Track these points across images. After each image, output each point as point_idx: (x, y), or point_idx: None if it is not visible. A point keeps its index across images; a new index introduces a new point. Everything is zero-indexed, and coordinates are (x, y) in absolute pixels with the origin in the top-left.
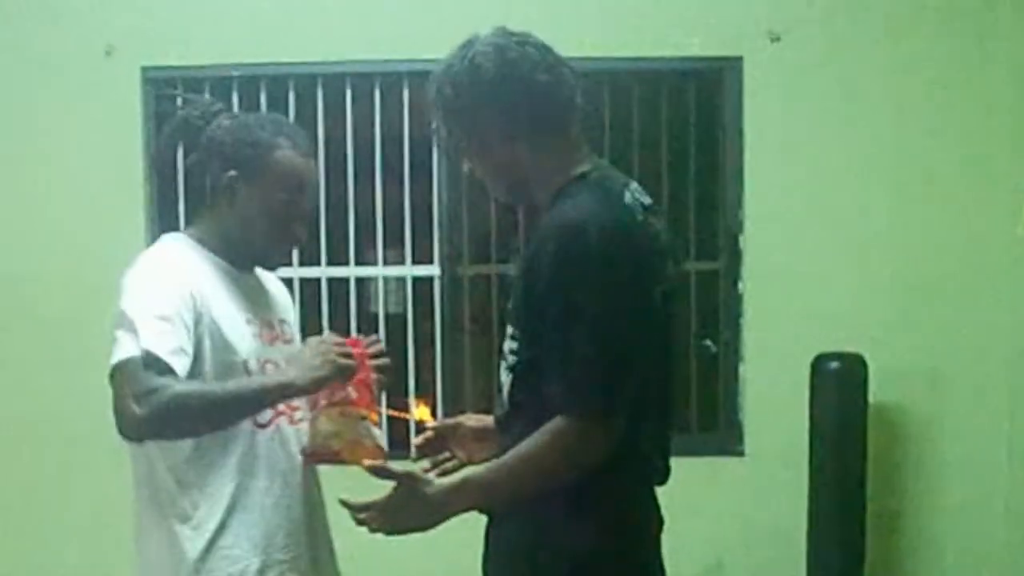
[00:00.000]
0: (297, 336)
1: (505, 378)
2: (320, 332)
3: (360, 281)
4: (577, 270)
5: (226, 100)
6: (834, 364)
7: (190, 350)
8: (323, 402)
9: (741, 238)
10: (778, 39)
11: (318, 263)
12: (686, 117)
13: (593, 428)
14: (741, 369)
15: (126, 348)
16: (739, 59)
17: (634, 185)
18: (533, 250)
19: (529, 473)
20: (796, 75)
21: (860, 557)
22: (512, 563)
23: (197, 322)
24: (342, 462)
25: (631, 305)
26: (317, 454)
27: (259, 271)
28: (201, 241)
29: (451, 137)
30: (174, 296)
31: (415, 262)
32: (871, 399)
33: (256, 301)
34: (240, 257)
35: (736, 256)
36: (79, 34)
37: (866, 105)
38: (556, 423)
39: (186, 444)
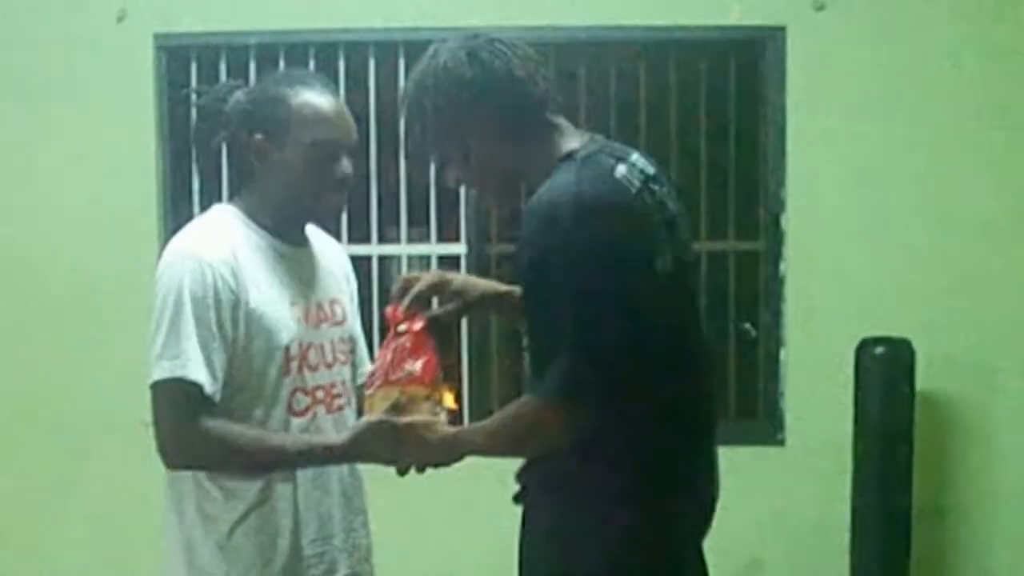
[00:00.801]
0: (351, 314)
1: (526, 358)
2: None
3: (383, 259)
4: (549, 251)
5: (243, 69)
6: (879, 350)
7: (224, 362)
8: (380, 380)
9: (783, 218)
10: (823, 7)
11: (339, 240)
12: (725, 90)
13: (554, 412)
14: (782, 354)
15: (165, 365)
16: (782, 29)
17: (635, 157)
18: (520, 235)
19: (501, 445)
20: (842, 46)
21: (906, 553)
22: (550, 547)
23: (235, 307)
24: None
25: (612, 284)
26: None
27: (315, 244)
28: (250, 214)
29: (436, 150)
30: (221, 290)
31: (440, 240)
32: (918, 387)
33: (305, 280)
34: (291, 224)
35: (778, 237)
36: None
37: (916, 78)
38: (520, 402)
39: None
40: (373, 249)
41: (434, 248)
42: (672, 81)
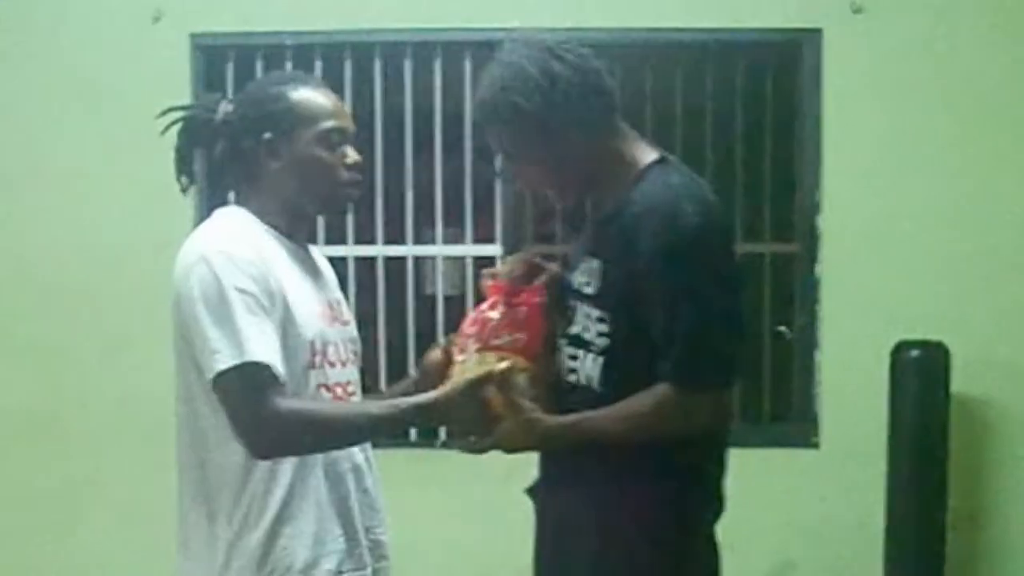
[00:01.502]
0: (351, 317)
1: (588, 362)
2: (375, 314)
3: (418, 260)
4: (685, 249)
5: (279, 70)
6: (915, 352)
7: (277, 340)
8: (477, 343)
9: (819, 219)
10: (860, 10)
11: (374, 241)
12: (762, 93)
13: (708, 399)
14: (817, 357)
15: (225, 354)
16: (819, 31)
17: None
18: (633, 231)
19: (632, 430)
20: (878, 49)
21: (940, 558)
22: (572, 538)
23: (271, 297)
24: (486, 415)
25: (732, 279)
26: None
27: (311, 247)
28: (260, 216)
29: (518, 152)
30: (257, 280)
31: (476, 241)
32: (954, 390)
33: (317, 280)
34: (305, 220)
35: (814, 238)
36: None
37: (952, 81)
38: (663, 391)
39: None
40: (409, 250)
41: (469, 249)
42: (709, 83)
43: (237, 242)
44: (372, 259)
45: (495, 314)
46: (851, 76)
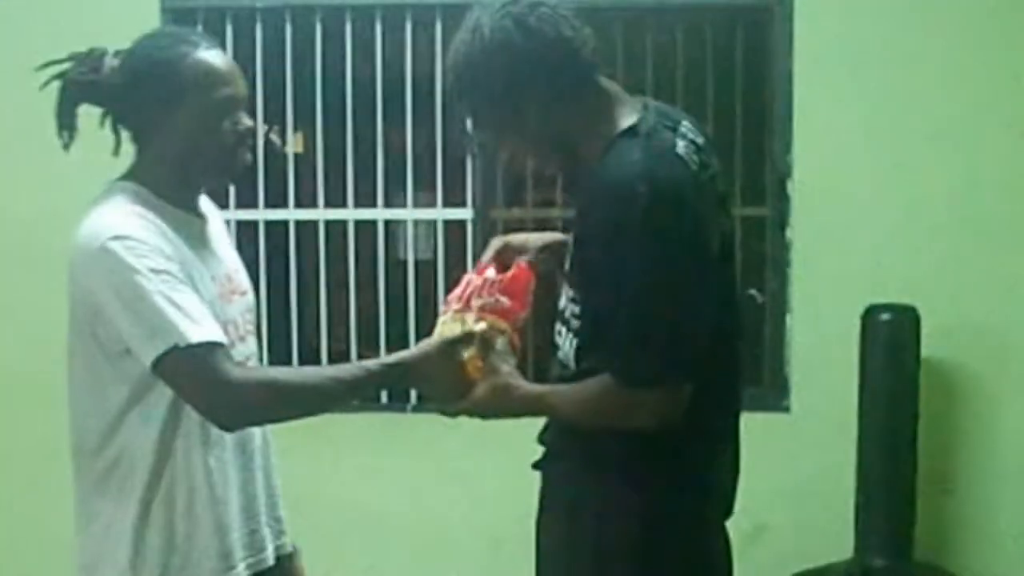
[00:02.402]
0: (247, 284)
1: (567, 341)
2: (346, 279)
3: (388, 224)
4: (629, 234)
5: (249, 34)
6: (886, 316)
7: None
8: (459, 304)
9: (789, 183)
10: None
11: (344, 205)
12: (732, 56)
13: (643, 396)
14: (788, 321)
15: (159, 337)
16: None
17: (686, 125)
18: (583, 211)
19: (582, 416)
20: (850, 12)
21: (910, 520)
22: (571, 519)
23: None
24: (459, 378)
25: (686, 268)
26: None
27: (203, 208)
28: (152, 188)
29: (487, 124)
30: (161, 261)
31: (447, 205)
32: (924, 354)
33: (212, 252)
34: (195, 190)
35: (784, 202)
36: None
37: (923, 43)
38: (604, 383)
39: (155, 423)
40: (379, 214)
41: (441, 213)
42: (679, 47)
43: (139, 226)
44: (343, 223)
45: (481, 278)
46: (822, 40)
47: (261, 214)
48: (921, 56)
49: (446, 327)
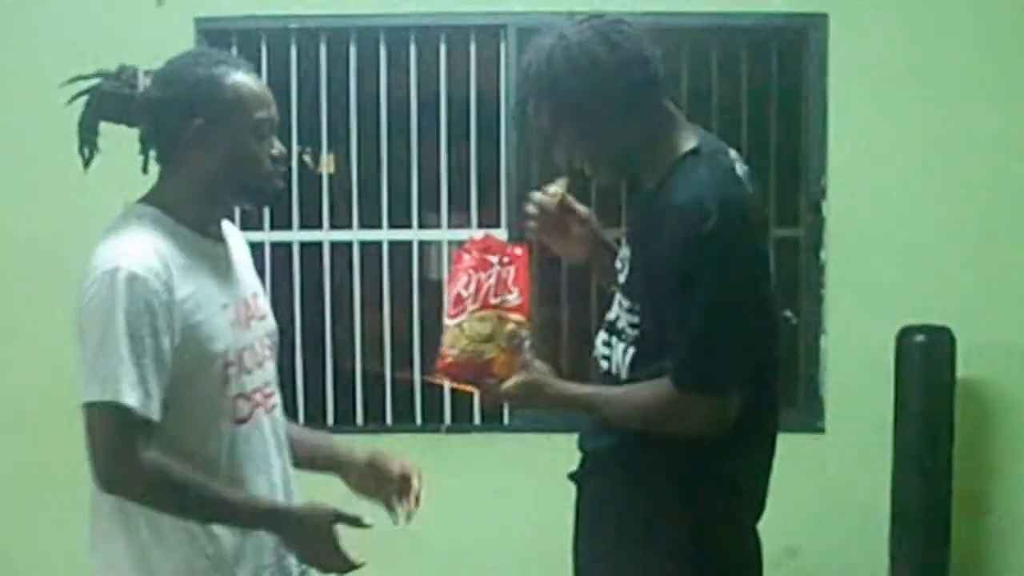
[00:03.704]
0: (267, 308)
1: (619, 351)
2: (379, 300)
3: (423, 245)
4: (700, 249)
5: (283, 55)
6: (920, 337)
7: (162, 380)
8: (473, 301)
9: (824, 204)
10: None
11: (379, 226)
12: (767, 77)
13: (699, 402)
14: (822, 342)
15: (96, 387)
16: (824, 16)
17: (733, 154)
18: (656, 225)
19: (632, 420)
20: (884, 33)
21: (945, 540)
22: (616, 525)
23: (170, 320)
24: (486, 377)
25: (752, 284)
26: (459, 365)
27: (227, 234)
28: (168, 209)
29: (558, 128)
30: (158, 303)
31: (481, 225)
32: (959, 374)
33: (229, 278)
34: (218, 212)
35: (818, 223)
36: None
37: (958, 67)
38: (664, 387)
39: (164, 446)
40: (414, 234)
41: (475, 233)
42: (714, 67)
43: (146, 258)
44: (377, 244)
45: (485, 275)
46: (856, 61)
47: (296, 235)
48: (956, 76)
49: (470, 327)
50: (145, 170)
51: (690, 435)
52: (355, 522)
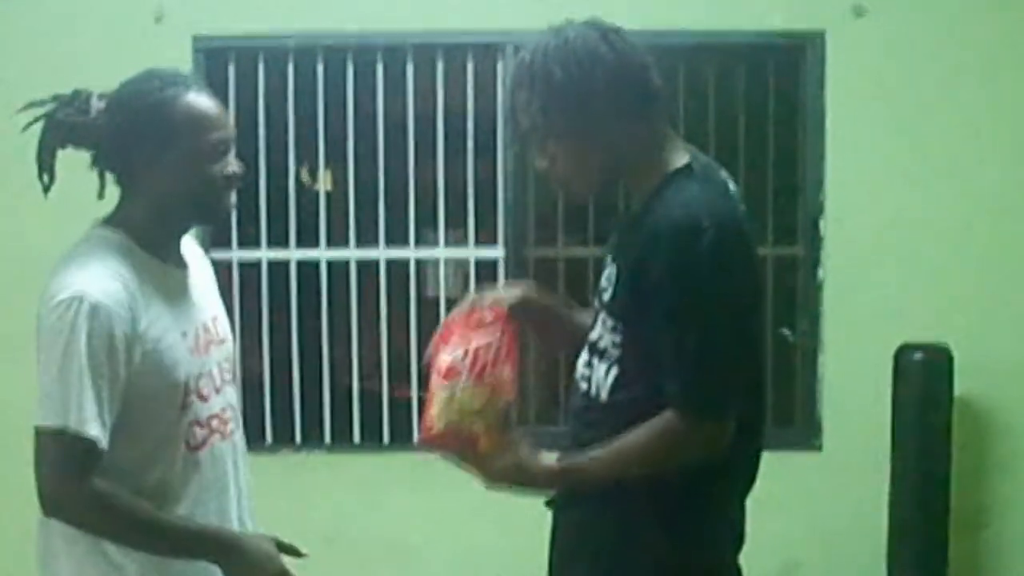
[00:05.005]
0: (226, 330)
1: (600, 371)
2: (377, 318)
3: (420, 263)
4: (696, 268)
5: (281, 72)
6: (918, 355)
7: (115, 409)
8: (468, 373)
9: (822, 222)
10: (864, 13)
11: (376, 244)
12: (765, 95)
13: (706, 428)
14: (820, 360)
15: (52, 412)
16: (821, 34)
17: (723, 172)
18: (645, 243)
19: (629, 464)
20: (882, 51)
21: (943, 559)
22: (590, 558)
23: (130, 348)
24: (470, 451)
25: (746, 305)
26: (447, 435)
27: (187, 255)
28: (132, 234)
29: (543, 124)
30: (116, 333)
31: (478, 243)
32: (956, 392)
33: (191, 304)
34: (175, 235)
35: (816, 241)
36: (128, 1)
37: (955, 83)
38: (668, 419)
39: (116, 470)
40: (411, 253)
41: (473, 252)
42: (711, 85)
43: (108, 285)
44: (375, 262)
45: (484, 347)
46: (854, 78)
47: (293, 254)
48: (954, 93)
49: (461, 398)
50: (101, 195)
51: (692, 463)
52: (294, 552)
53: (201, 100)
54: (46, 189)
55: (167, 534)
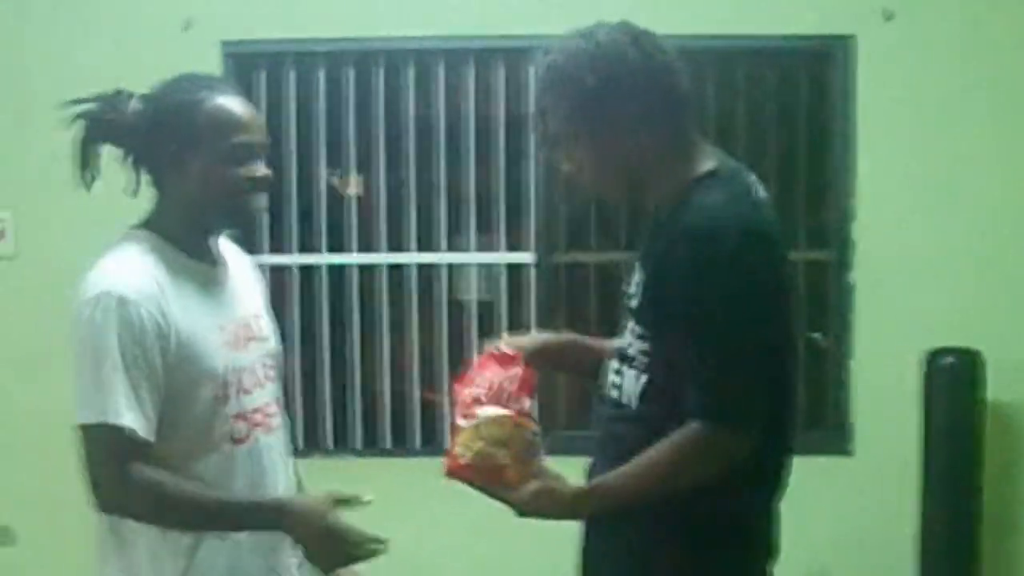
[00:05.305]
0: (272, 328)
1: (630, 378)
2: (408, 322)
3: (452, 268)
4: (720, 274)
5: (310, 77)
6: (949, 360)
7: (156, 401)
8: (491, 405)
9: (853, 227)
10: (893, 16)
11: (407, 248)
12: (795, 98)
13: (729, 436)
14: (851, 364)
15: (92, 409)
16: (851, 37)
17: (753, 178)
18: (669, 250)
19: (658, 479)
20: (911, 55)
21: (974, 565)
22: (637, 561)
23: (163, 342)
24: (497, 483)
25: (771, 311)
26: (471, 468)
27: (229, 259)
28: (165, 234)
29: (570, 129)
30: (148, 327)
31: (509, 248)
32: (988, 397)
33: (228, 301)
34: (209, 235)
35: (847, 245)
36: (156, 7)
37: (984, 87)
38: (692, 429)
39: (160, 466)
40: (442, 258)
41: (503, 257)
42: (741, 90)
43: (137, 280)
44: (404, 267)
45: (506, 379)
46: (884, 82)
47: (323, 258)
48: (984, 96)
49: (486, 430)
50: (135, 193)
51: (720, 473)
52: (355, 501)
53: (230, 103)
54: (87, 186)
55: (220, 510)
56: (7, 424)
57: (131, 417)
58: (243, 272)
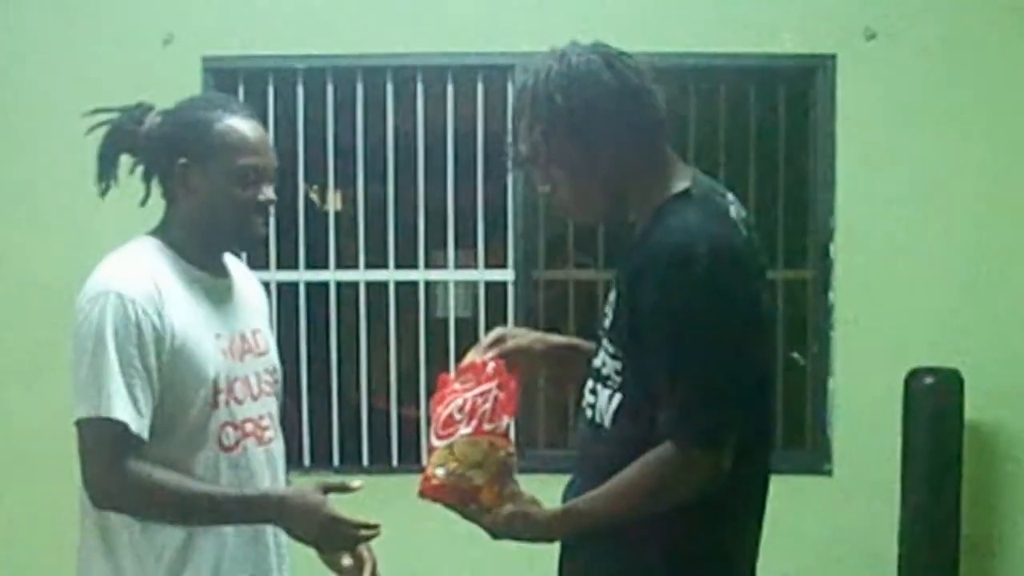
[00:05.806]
0: (273, 345)
1: (603, 398)
2: (386, 340)
3: (429, 285)
4: (690, 295)
5: (290, 93)
6: (929, 380)
7: (150, 399)
8: (466, 425)
9: (832, 246)
10: (874, 36)
11: (385, 266)
12: (775, 117)
13: (704, 458)
14: (830, 383)
15: (88, 403)
16: (832, 57)
17: (731, 197)
18: (639, 269)
19: (631, 501)
20: (892, 75)
21: None
22: None
23: (158, 342)
24: (471, 503)
25: (743, 331)
26: (445, 488)
27: (234, 275)
28: (171, 243)
29: (544, 150)
30: (144, 326)
31: (488, 266)
32: (967, 417)
33: (228, 312)
34: (214, 250)
35: (827, 265)
36: (137, 22)
37: (965, 107)
38: (665, 451)
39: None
40: (421, 275)
41: (482, 274)
42: (721, 108)
43: (136, 280)
44: (384, 284)
45: (482, 399)
46: (864, 101)
47: (302, 275)
48: (965, 117)
49: (460, 451)
50: (144, 203)
51: (692, 496)
52: (344, 489)
53: (241, 125)
54: (102, 194)
55: (213, 504)
56: None
57: (126, 412)
58: (247, 288)
